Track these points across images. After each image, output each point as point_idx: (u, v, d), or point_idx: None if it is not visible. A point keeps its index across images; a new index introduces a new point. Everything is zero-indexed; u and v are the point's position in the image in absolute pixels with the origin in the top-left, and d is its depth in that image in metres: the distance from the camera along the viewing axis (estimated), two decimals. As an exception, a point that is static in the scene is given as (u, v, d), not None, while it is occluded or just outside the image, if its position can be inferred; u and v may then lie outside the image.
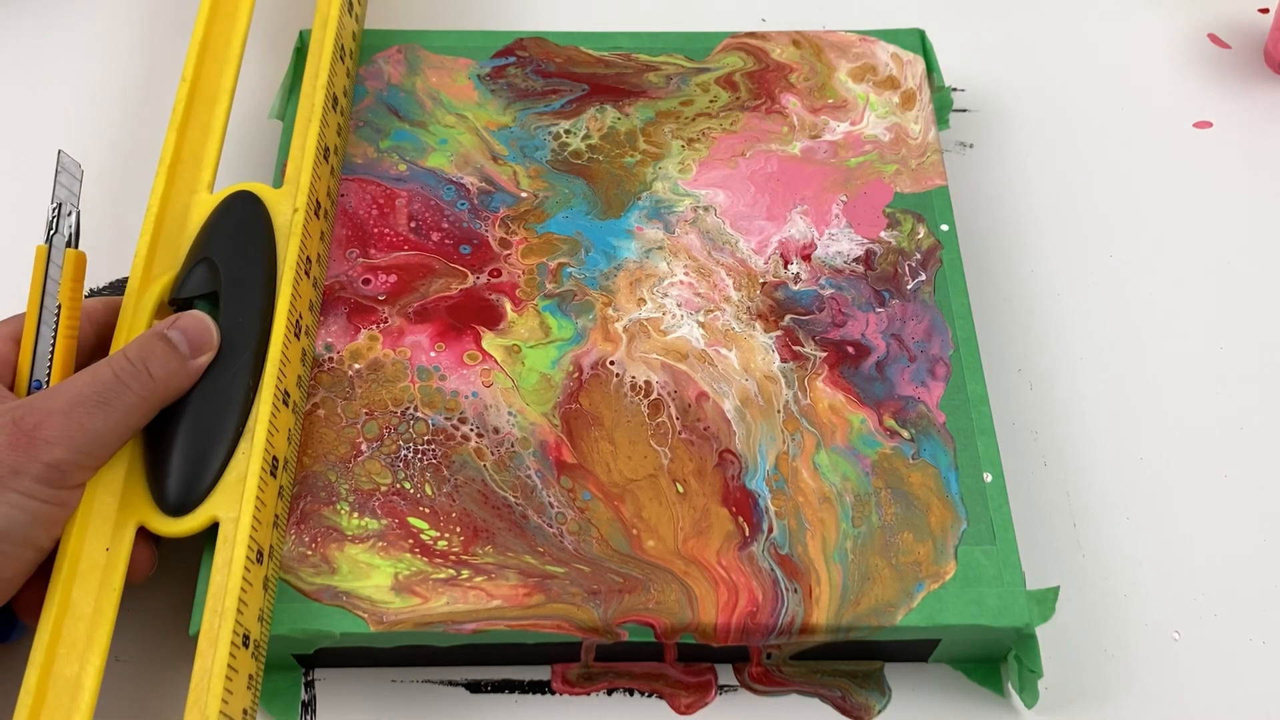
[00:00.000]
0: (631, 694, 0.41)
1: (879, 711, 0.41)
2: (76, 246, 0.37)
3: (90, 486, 0.37)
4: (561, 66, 0.53)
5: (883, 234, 0.48)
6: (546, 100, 0.51)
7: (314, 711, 0.41)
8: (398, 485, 0.41)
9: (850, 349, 0.45)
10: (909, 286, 0.46)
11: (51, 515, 0.36)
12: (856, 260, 0.47)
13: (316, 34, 0.48)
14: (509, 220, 0.48)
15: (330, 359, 0.44)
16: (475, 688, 0.42)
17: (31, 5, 0.59)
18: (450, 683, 0.42)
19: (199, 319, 0.40)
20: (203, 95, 0.46)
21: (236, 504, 0.38)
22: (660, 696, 0.41)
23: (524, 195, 0.49)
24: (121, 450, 0.38)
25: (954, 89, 0.57)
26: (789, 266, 0.47)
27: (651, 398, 0.44)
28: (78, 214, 0.37)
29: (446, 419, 0.43)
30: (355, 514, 0.41)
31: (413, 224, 0.47)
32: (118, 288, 0.49)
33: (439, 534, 0.40)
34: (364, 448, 0.42)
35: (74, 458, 0.36)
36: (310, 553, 0.40)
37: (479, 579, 0.39)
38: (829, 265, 0.47)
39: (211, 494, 0.38)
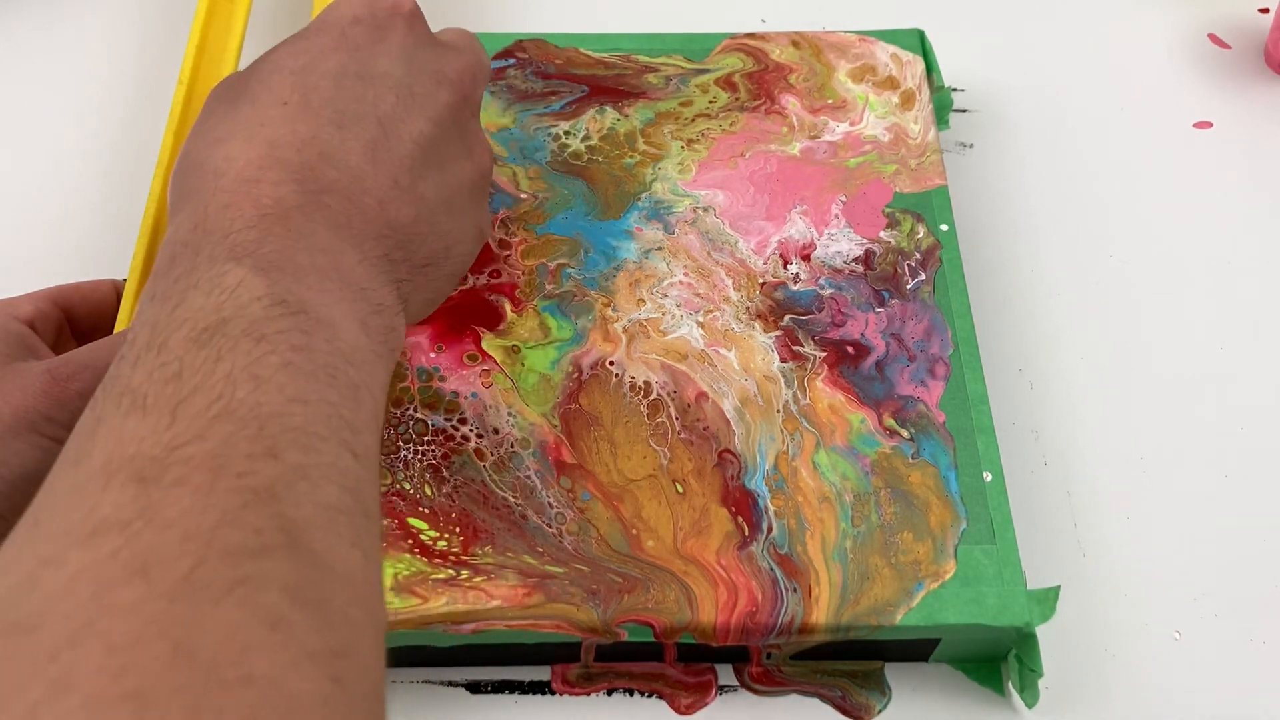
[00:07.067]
0: (631, 694, 0.41)
1: (879, 711, 0.41)
2: None
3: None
4: (561, 68, 0.53)
5: (882, 234, 0.48)
6: (546, 101, 0.51)
7: (314, 712, 0.41)
8: (397, 486, 0.41)
9: (850, 349, 0.45)
10: (909, 286, 0.46)
11: None
12: (856, 260, 0.47)
13: (316, 35, 0.48)
14: (508, 221, 0.48)
15: (330, 360, 0.44)
16: (475, 688, 0.42)
17: (32, 5, 0.59)
18: (450, 683, 0.42)
19: None
20: (200, 97, 0.46)
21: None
22: (660, 696, 0.41)
23: (523, 196, 0.49)
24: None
25: (954, 89, 0.56)
26: (788, 266, 0.47)
27: (651, 398, 0.44)
28: None
29: (446, 420, 0.43)
30: (355, 514, 0.41)
31: (412, 225, 0.47)
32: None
33: (438, 534, 0.40)
34: (363, 448, 0.42)
35: None
36: (310, 553, 0.40)
37: (478, 579, 0.39)
38: (828, 265, 0.47)
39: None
